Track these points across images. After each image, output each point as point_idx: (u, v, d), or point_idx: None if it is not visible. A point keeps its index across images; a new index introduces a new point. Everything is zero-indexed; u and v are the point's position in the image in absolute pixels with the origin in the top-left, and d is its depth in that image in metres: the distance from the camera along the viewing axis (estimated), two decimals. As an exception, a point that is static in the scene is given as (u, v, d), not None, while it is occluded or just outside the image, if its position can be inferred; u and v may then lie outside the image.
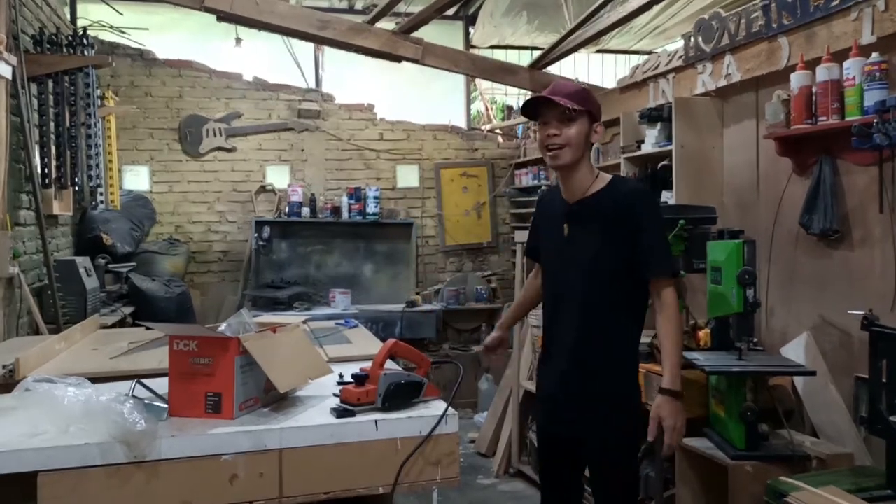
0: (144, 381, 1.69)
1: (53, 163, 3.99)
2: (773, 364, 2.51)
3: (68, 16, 5.25)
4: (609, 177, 2.04)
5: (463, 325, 5.93)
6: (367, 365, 1.71)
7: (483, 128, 6.70)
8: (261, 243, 5.61)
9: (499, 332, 2.38)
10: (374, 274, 5.90)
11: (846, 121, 2.44)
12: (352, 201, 5.77)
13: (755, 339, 2.49)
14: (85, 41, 4.15)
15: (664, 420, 1.89)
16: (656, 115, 3.46)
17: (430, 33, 4.22)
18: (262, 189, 5.86)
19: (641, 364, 2.74)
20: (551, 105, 1.95)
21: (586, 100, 1.98)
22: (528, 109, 2.04)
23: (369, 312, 5.27)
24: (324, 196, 5.91)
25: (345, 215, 5.75)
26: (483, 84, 6.71)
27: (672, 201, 3.27)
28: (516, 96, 6.84)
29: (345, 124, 6.06)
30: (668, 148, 3.35)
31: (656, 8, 4.46)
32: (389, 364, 1.74)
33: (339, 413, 1.59)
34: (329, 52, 5.99)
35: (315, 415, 1.61)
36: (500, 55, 6.32)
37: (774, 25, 2.84)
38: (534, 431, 2.20)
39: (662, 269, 1.95)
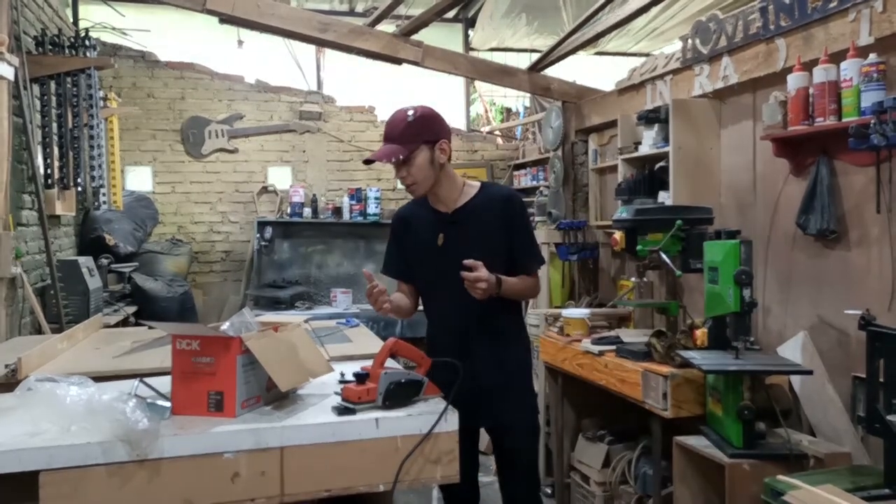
0: (147, 380, 1.71)
1: (56, 163, 4.01)
2: (770, 363, 2.52)
3: (70, 17, 5.28)
4: (477, 184, 2.27)
5: (463, 326, 5.94)
6: (368, 364, 1.73)
7: (482, 129, 6.71)
8: (263, 243, 5.64)
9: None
10: (375, 274, 5.91)
11: (843, 122, 2.45)
12: (353, 202, 5.79)
13: (752, 339, 2.49)
14: (87, 42, 4.17)
15: (478, 278, 2.01)
16: (654, 117, 3.47)
17: (430, 36, 4.23)
18: (264, 190, 5.88)
19: (639, 363, 2.77)
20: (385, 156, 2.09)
21: (415, 132, 2.09)
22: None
23: (370, 312, 5.27)
24: (325, 197, 5.93)
25: (346, 216, 5.77)
26: (482, 86, 6.73)
27: (669, 202, 3.29)
28: (515, 98, 6.86)
29: (346, 126, 6.08)
30: (666, 149, 3.36)
31: (654, 10, 4.48)
32: (390, 363, 1.76)
33: (340, 411, 1.60)
34: (330, 55, 6.01)
35: (316, 413, 1.62)
36: (499, 57, 6.33)
37: (772, 27, 2.86)
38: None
39: (535, 265, 2.27)
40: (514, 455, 2.26)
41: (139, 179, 5.65)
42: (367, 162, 2.17)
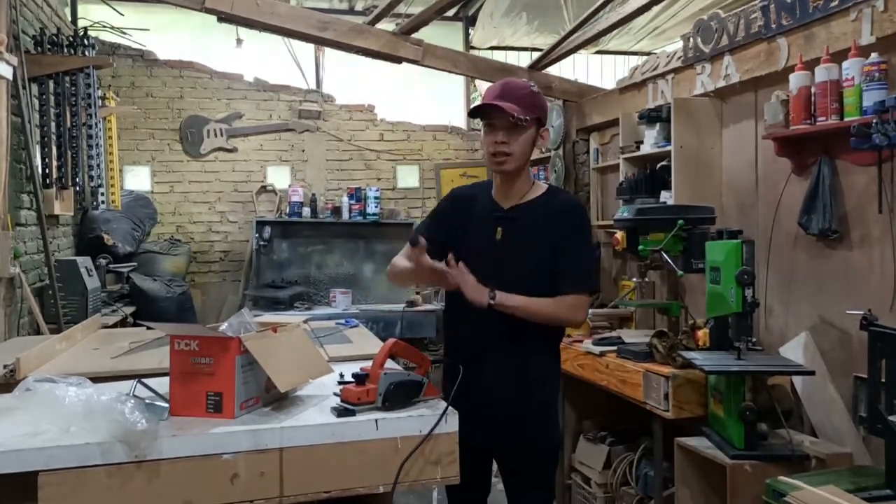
0: (145, 380, 1.70)
1: (54, 163, 4.00)
2: (772, 364, 2.51)
3: (69, 16, 5.26)
4: (545, 185, 2.09)
5: (463, 326, 5.93)
6: (368, 364, 1.71)
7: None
8: (262, 243, 5.62)
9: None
10: (375, 274, 5.91)
11: (845, 121, 2.44)
12: (352, 201, 5.78)
13: (754, 339, 2.48)
14: (86, 42, 4.16)
15: (466, 285, 1.86)
16: (655, 116, 3.46)
17: (430, 34, 4.22)
18: (263, 189, 5.87)
19: (641, 363, 2.76)
20: (500, 109, 1.90)
21: (536, 105, 1.96)
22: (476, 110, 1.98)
23: (369, 312, 5.28)
24: (324, 196, 5.92)
25: (345, 215, 5.76)
26: (483, 85, 6.71)
27: (671, 201, 3.28)
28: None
29: (345, 125, 6.07)
30: (667, 148, 3.35)
31: (655, 9, 4.47)
32: (389, 363, 1.74)
33: (340, 412, 1.59)
34: (329, 53, 6.00)
35: (315, 414, 1.61)
36: (499, 56, 6.33)
37: (773, 26, 2.85)
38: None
39: (579, 284, 1.97)
40: (517, 489, 2.04)
41: (138, 179, 5.64)
42: (475, 113, 1.97)
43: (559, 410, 2.17)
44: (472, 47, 6.46)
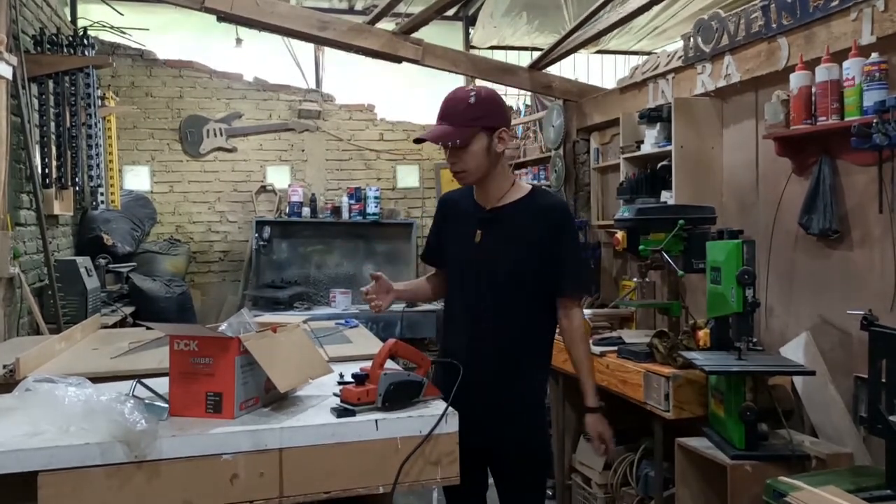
0: (145, 380, 1.70)
1: (54, 163, 4.00)
2: (772, 364, 2.51)
3: (69, 16, 5.26)
4: (528, 186, 2.09)
5: (463, 326, 5.92)
6: (368, 364, 1.71)
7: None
8: (261, 243, 5.62)
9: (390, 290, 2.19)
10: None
11: (846, 121, 2.44)
12: (352, 201, 5.78)
13: (754, 339, 2.48)
14: (85, 41, 4.16)
15: (603, 434, 2.07)
16: (656, 116, 3.46)
17: (430, 34, 4.22)
18: (263, 189, 5.87)
19: (641, 363, 2.76)
20: (436, 138, 1.95)
21: (478, 115, 1.94)
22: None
23: (369, 312, 5.21)
24: (324, 196, 5.92)
25: (345, 215, 5.76)
26: (483, 84, 6.71)
27: (671, 201, 3.27)
28: (516, 97, 6.84)
29: (345, 125, 6.07)
30: (668, 148, 3.35)
31: (656, 8, 4.46)
32: (389, 364, 1.74)
33: (340, 413, 1.59)
34: (329, 53, 6.00)
35: (315, 414, 1.61)
36: (499, 56, 6.32)
37: (774, 26, 2.85)
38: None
39: (577, 290, 2.08)
40: (511, 493, 2.07)
41: (137, 179, 5.64)
42: (418, 141, 2.07)
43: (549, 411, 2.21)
44: (473, 47, 6.46)
